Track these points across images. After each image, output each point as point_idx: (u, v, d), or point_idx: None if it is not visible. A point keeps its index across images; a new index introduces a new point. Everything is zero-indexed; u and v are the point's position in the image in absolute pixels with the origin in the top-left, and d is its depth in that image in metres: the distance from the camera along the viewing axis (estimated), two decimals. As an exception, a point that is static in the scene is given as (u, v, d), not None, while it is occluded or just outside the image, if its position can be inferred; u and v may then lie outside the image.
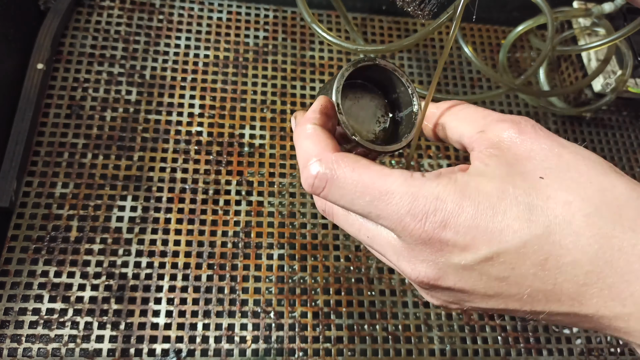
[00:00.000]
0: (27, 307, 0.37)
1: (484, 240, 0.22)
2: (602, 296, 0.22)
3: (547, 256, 0.22)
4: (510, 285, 0.23)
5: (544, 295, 0.22)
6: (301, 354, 0.39)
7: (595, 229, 0.22)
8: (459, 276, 0.23)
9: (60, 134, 0.44)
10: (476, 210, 0.22)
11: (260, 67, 0.51)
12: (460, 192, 0.22)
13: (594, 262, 0.22)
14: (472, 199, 0.22)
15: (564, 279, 0.22)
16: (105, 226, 0.41)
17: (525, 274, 0.22)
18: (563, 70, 0.56)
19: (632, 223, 0.22)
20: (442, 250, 0.23)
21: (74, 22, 0.49)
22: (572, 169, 0.24)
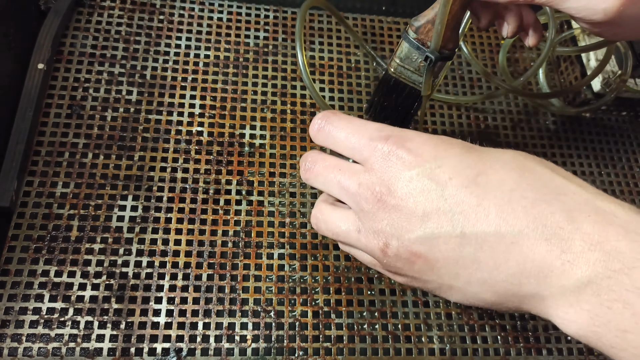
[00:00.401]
0: (27, 307, 0.37)
1: (431, 156, 0.27)
2: (525, 215, 0.24)
3: (479, 173, 0.26)
4: (446, 199, 0.26)
5: (474, 210, 0.25)
6: (301, 353, 0.39)
7: (519, 161, 0.27)
8: (406, 186, 0.27)
9: (60, 134, 0.44)
10: (428, 139, 0.28)
11: (261, 67, 0.51)
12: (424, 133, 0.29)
13: (517, 182, 0.25)
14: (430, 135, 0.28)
15: (492, 194, 0.25)
16: (105, 226, 0.41)
17: (459, 185, 0.26)
18: (563, 70, 0.56)
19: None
20: (396, 163, 0.27)
21: (75, 22, 0.49)
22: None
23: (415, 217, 0.27)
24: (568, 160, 0.52)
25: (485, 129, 0.52)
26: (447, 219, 0.26)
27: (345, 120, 0.31)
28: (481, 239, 0.25)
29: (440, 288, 0.29)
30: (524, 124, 0.53)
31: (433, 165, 0.27)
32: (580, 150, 0.53)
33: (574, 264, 0.23)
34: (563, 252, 0.23)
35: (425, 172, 0.27)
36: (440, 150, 0.27)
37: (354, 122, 0.30)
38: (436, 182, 0.26)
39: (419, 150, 0.27)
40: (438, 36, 0.32)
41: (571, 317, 0.24)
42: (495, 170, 0.26)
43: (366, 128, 0.30)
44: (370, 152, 0.29)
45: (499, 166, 0.26)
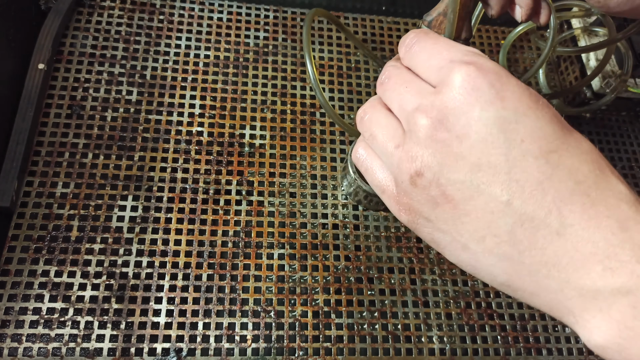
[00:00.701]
0: (27, 307, 0.38)
1: (513, 105, 0.24)
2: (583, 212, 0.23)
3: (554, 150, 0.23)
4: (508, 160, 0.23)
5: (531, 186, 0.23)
6: (301, 353, 0.39)
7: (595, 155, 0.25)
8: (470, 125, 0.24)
9: (61, 134, 0.44)
10: (519, 85, 0.24)
11: (261, 68, 0.51)
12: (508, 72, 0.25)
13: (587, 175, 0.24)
14: (522, 84, 0.25)
15: (558, 178, 0.23)
16: (106, 226, 0.41)
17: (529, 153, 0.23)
18: (563, 70, 0.56)
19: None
20: (471, 94, 0.24)
21: (75, 22, 0.49)
22: None
23: (464, 161, 0.24)
24: (568, 160, 0.52)
25: (485, 129, 0.52)
26: (500, 180, 0.23)
27: (432, 40, 0.27)
28: (527, 216, 0.23)
29: (451, 244, 0.26)
30: (524, 124, 0.53)
31: (511, 116, 0.23)
32: (580, 150, 0.53)
33: (616, 272, 0.22)
34: (607, 257, 0.22)
35: (499, 120, 0.23)
36: (524, 105, 0.24)
37: (439, 42, 0.27)
38: (505, 137, 0.23)
39: (502, 91, 0.24)
40: (451, 26, 0.32)
41: (597, 323, 0.23)
42: (570, 155, 0.24)
43: (450, 49, 0.26)
44: (447, 74, 0.25)
45: (575, 152, 0.24)
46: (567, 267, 0.23)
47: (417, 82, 0.27)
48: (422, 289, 0.43)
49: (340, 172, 0.38)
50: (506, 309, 0.44)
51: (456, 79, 0.24)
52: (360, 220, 0.45)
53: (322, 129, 0.49)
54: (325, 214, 0.45)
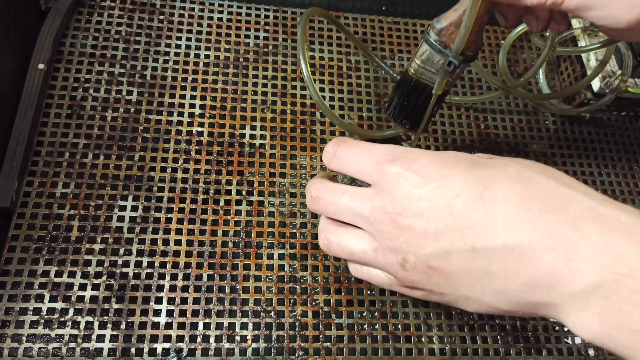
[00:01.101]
0: (27, 307, 0.37)
1: (437, 175, 0.28)
2: (532, 226, 0.25)
3: (485, 189, 0.27)
4: (455, 216, 0.27)
5: (481, 225, 0.27)
6: (301, 353, 0.39)
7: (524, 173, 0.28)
8: (416, 206, 0.28)
9: (61, 134, 0.44)
10: (435, 158, 0.29)
11: (261, 68, 0.51)
12: (430, 152, 0.31)
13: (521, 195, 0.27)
14: (435, 154, 0.30)
15: (498, 209, 0.27)
16: (106, 226, 0.41)
17: (466, 202, 0.27)
18: (563, 70, 0.56)
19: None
20: (404, 184, 0.29)
21: (75, 22, 0.49)
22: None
23: (428, 235, 0.28)
24: (568, 161, 0.52)
25: (485, 130, 0.52)
26: (457, 234, 0.27)
27: (354, 147, 0.32)
28: (491, 251, 0.26)
29: (457, 300, 0.30)
30: (523, 125, 0.53)
31: (439, 184, 0.28)
32: (580, 150, 0.53)
33: (582, 270, 0.24)
34: (570, 259, 0.24)
35: (432, 191, 0.28)
36: (445, 170, 0.28)
37: (362, 148, 0.32)
38: (444, 201, 0.28)
39: (425, 171, 0.29)
40: (462, 40, 0.32)
41: (583, 321, 0.25)
42: (501, 185, 0.27)
43: (373, 152, 0.31)
44: (380, 176, 0.30)
45: (504, 180, 0.27)
46: (542, 280, 0.25)
47: (355, 190, 0.32)
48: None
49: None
50: (506, 309, 0.44)
51: (389, 178, 0.29)
52: (360, 220, 0.45)
53: (322, 129, 0.49)
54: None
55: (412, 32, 0.56)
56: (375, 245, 0.31)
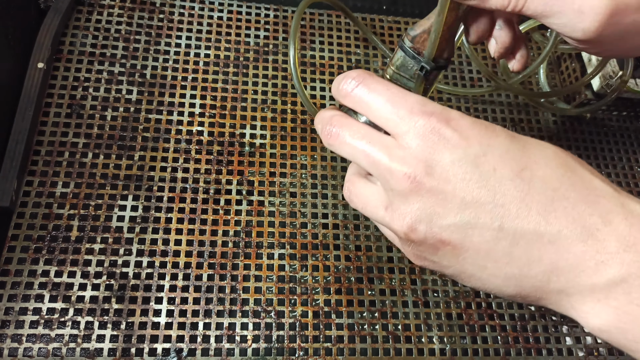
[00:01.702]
0: (27, 307, 0.37)
1: (476, 141, 0.25)
2: (566, 215, 0.25)
3: (524, 167, 0.25)
4: (488, 190, 0.25)
5: (515, 205, 0.25)
6: (302, 353, 0.39)
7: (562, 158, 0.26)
8: (446, 170, 0.25)
9: (60, 134, 0.44)
10: (474, 122, 0.26)
11: (261, 67, 0.51)
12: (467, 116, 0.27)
13: (560, 180, 0.25)
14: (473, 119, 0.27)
15: (536, 191, 0.25)
16: (106, 226, 0.41)
17: (504, 177, 0.25)
18: (563, 70, 0.56)
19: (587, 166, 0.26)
20: (438, 143, 0.25)
21: (74, 21, 0.49)
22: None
23: (451, 204, 0.25)
24: (568, 160, 0.52)
25: (486, 129, 0.52)
26: (486, 210, 0.25)
27: (383, 85, 0.28)
28: (519, 234, 0.25)
29: (459, 275, 0.28)
30: (524, 124, 0.53)
31: (479, 151, 0.25)
32: (580, 150, 0.53)
33: (608, 264, 0.24)
34: (598, 252, 0.24)
35: (470, 157, 0.25)
36: (485, 137, 0.26)
37: (392, 89, 0.27)
38: (480, 171, 0.25)
39: (465, 133, 0.26)
40: (433, 46, 0.32)
41: (596, 312, 0.24)
42: (540, 166, 0.26)
43: (407, 99, 0.27)
44: (409, 127, 0.26)
45: (543, 162, 0.26)
46: (564, 270, 0.25)
47: (378, 135, 0.27)
48: (422, 289, 0.43)
49: None
50: (506, 309, 0.44)
51: (420, 132, 0.26)
52: (360, 220, 0.45)
53: (322, 129, 0.49)
54: (325, 214, 0.45)
55: (412, 31, 0.56)
56: (386, 204, 0.27)
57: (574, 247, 0.24)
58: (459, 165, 0.25)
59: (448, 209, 0.25)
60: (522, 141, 0.27)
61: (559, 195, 0.25)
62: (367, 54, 0.54)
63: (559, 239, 0.24)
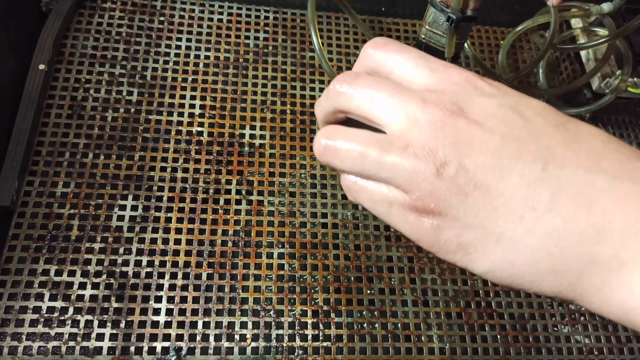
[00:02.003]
0: (27, 306, 0.38)
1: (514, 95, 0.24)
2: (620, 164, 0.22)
3: (568, 120, 0.23)
4: (530, 131, 0.23)
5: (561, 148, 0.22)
6: (301, 352, 0.39)
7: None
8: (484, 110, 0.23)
9: (61, 134, 0.44)
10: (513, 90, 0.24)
11: (260, 68, 0.51)
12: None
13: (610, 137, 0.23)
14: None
15: (584, 139, 0.22)
16: (106, 225, 0.41)
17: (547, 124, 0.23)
18: (562, 70, 0.56)
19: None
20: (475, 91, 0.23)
21: (76, 23, 0.49)
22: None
23: (488, 142, 0.22)
24: (568, 160, 0.52)
25: (485, 129, 0.52)
26: (529, 150, 0.22)
27: (417, 52, 0.25)
28: (566, 177, 0.22)
29: (484, 241, 0.23)
30: (523, 124, 0.53)
31: (518, 100, 0.23)
32: (580, 150, 0.53)
33: None
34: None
35: (509, 103, 0.23)
36: (523, 96, 0.24)
37: (419, 52, 0.25)
38: (520, 115, 0.23)
39: (502, 88, 0.24)
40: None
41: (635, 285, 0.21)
42: (584, 125, 0.23)
43: (436, 60, 0.25)
44: (443, 76, 0.24)
45: (584, 124, 0.23)
46: (619, 226, 0.21)
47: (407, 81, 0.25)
48: (421, 288, 0.43)
49: None
50: (506, 308, 0.44)
51: (457, 80, 0.24)
52: (360, 219, 0.45)
53: (321, 129, 0.49)
54: (324, 214, 0.45)
55: (411, 32, 0.56)
56: (405, 141, 0.23)
57: (631, 200, 0.21)
58: (498, 106, 0.23)
59: (485, 146, 0.22)
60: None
61: (610, 147, 0.22)
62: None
63: (614, 186, 0.21)
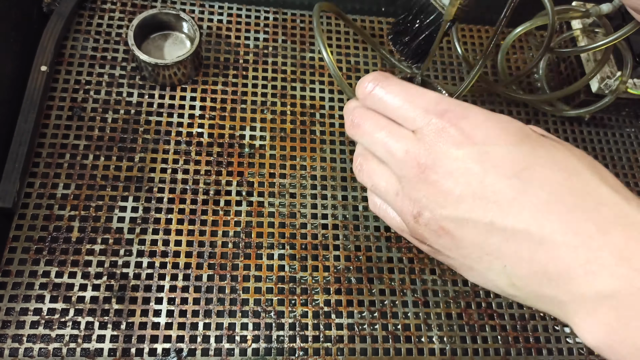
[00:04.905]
0: (28, 307, 0.38)
1: (482, 139, 0.27)
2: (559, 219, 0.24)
3: (525, 167, 0.26)
4: (484, 186, 0.26)
5: (508, 203, 0.26)
6: (301, 353, 0.39)
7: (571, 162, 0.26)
8: (450, 165, 0.27)
9: (62, 136, 0.44)
10: (487, 118, 0.27)
11: (260, 69, 0.51)
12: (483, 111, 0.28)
13: (560, 184, 0.25)
14: (488, 115, 0.28)
15: (532, 192, 0.25)
16: (106, 227, 0.41)
17: (501, 176, 0.26)
18: (562, 71, 0.56)
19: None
20: (447, 140, 0.27)
21: (76, 25, 0.49)
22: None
23: (451, 196, 0.27)
24: (568, 161, 0.52)
25: (485, 130, 0.52)
26: (480, 205, 0.26)
27: (399, 86, 0.30)
28: (509, 232, 0.25)
29: (461, 267, 0.29)
30: (523, 125, 0.53)
31: (481, 150, 0.27)
32: (580, 150, 0.53)
33: (598, 275, 0.23)
34: (588, 261, 0.23)
35: (472, 154, 0.27)
36: (492, 135, 0.27)
37: (410, 89, 0.30)
38: (479, 168, 0.26)
39: (472, 132, 0.27)
40: None
41: (588, 326, 0.24)
42: (542, 168, 0.26)
43: (422, 98, 0.29)
44: (424, 124, 0.28)
45: (548, 164, 0.26)
46: (554, 275, 0.24)
47: (396, 128, 0.30)
48: (422, 289, 0.43)
49: None
50: (506, 309, 0.44)
51: (433, 129, 0.28)
52: (360, 220, 0.45)
53: (321, 130, 0.49)
54: (325, 215, 0.45)
55: (411, 33, 0.56)
56: (397, 189, 0.30)
57: (563, 252, 0.24)
58: (462, 161, 0.27)
59: (448, 200, 0.27)
60: (535, 142, 0.27)
61: (554, 198, 0.25)
62: (367, 55, 0.54)
63: (548, 242, 0.24)
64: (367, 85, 0.31)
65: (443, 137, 0.27)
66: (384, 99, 0.30)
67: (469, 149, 0.27)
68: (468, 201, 0.26)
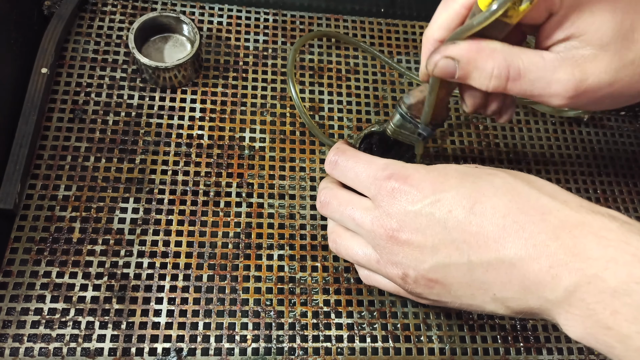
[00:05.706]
0: (29, 307, 0.38)
1: (430, 190, 0.30)
2: (518, 238, 0.27)
3: (475, 202, 0.28)
4: (449, 231, 0.29)
5: (474, 238, 0.28)
6: (301, 353, 0.40)
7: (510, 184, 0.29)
8: (412, 221, 0.30)
9: (63, 138, 0.44)
10: (427, 172, 0.31)
11: (260, 71, 0.51)
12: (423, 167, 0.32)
13: (508, 207, 0.28)
14: (428, 169, 0.31)
15: (488, 222, 0.28)
16: (107, 228, 0.42)
17: (459, 216, 0.28)
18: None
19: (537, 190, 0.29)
20: (400, 200, 0.30)
21: (77, 27, 0.49)
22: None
23: (426, 249, 0.29)
24: (567, 161, 0.52)
25: (484, 131, 0.52)
26: (453, 248, 0.29)
27: (353, 159, 0.34)
28: (486, 263, 0.28)
29: (462, 306, 0.31)
30: (522, 126, 0.53)
31: (433, 199, 0.29)
32: (579, 151, 0.53)
33: (560, 275, 0.26)
34: (551, 267, 0.26)
35: (427, 207, 0.29)
36: (437, 185, 0.30)
37: (360, 161, 0.33)
38: (438, 216, 0.29)
39: (419, 187, 0.30)
40: (427, 116, 0.37)
41: (569, 322, 0.26)
42: (488, 198, 0.28)
43: (371, 166, 0.32)
44: (377, 190, 0.31)
45: (491, 193, 0.29)
46: (532, 288, 0.27)
47: (358, 200, 0.33)
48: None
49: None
50: (506, 308, 0.44)
51: (385, 193, 0.31)
52: (359, 221, 0.46)
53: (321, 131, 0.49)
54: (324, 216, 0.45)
55: (410, 33, 0.57)
56: (377, 257, 0.32)
57: (531, 265, 0.26)
58: (421, 215, 0.29)
59: (425, 254, 0.30)
60: (472, 176, 0.30)
61: (509, 221, 0.27)
62: (365, 57, 0.54)
63: (517, 260, 0.27)
64: (330, 159, 0.35)
65: (396, 198, 0.30)
66: (343, 171, 0.34)
67: (422, 203, 0.29)
68: (442, 249, 0.29)
